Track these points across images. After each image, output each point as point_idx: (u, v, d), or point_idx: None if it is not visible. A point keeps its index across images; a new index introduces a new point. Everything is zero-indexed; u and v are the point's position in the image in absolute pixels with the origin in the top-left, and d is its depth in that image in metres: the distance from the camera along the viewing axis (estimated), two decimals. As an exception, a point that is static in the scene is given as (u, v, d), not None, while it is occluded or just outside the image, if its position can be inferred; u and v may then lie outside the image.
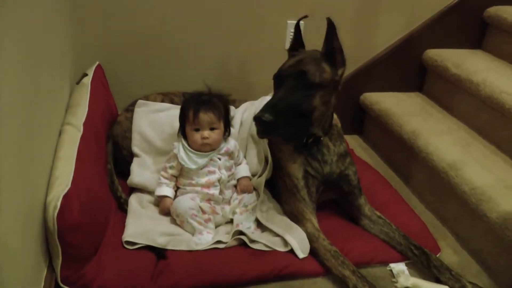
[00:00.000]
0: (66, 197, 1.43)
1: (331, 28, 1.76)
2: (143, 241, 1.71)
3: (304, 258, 1.74)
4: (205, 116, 1.87)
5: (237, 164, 2.03)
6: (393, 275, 1.78)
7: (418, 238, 1.88)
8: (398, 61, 2.83)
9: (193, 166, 1.88)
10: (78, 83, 2.14)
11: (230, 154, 1.97)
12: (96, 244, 1.62)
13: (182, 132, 1.94)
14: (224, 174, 1.93)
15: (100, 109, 2.06)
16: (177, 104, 2.18)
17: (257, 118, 1.65)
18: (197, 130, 1.89)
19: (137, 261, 1.64)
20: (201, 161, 1.89)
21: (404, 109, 2.62)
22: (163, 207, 1.90)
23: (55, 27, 1.90)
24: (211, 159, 1.91)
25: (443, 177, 2.10)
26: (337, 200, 2.04)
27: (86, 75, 2.18)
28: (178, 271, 1.63)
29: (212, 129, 1.90)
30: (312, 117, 1.77)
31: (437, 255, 1.87)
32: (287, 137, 1.74)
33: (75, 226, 1.45)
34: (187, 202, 1.83)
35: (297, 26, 1.94)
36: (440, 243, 1.96)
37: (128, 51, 2.48)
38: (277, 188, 1.98)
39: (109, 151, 2.08)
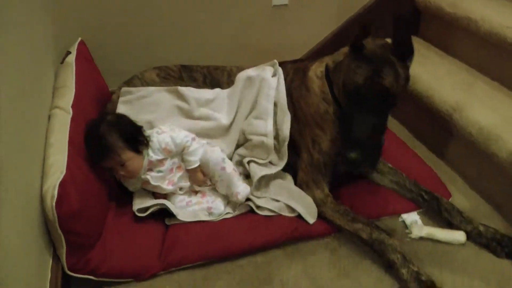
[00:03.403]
0: (62, 184, 1.38)
1: (398, 22, 1.57)
2: (153, 203, 1.69)
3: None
4: (107, 164, 1.66)
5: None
6: (406, 226, 1.75)
7: (428, 185, 1.85)
8: (390, 6, 2.73)
9: (130, 187, 1.77)
10: (62, 62, 2.05)
11: (168, 152, 1.75)
12: (99, 228, 1.58)
13: None
14: (175, 181, 1.76)
15: (89, 88, 1.98)
16: (174, 78, 2.10)
17: (345, 158, 1.57)
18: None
19: (143, 240, 1.61)
20: (137, 184, 1.77)
21: (400, 55, 2.54)
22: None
23: (34, 3, 1.80)
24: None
25: (447, 121, 2.04)
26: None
27: (69, 53, 2.09)
28: (187, 245, 1.60)
29: (122, 164, 1.67)
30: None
31: (449, 200, 1.84)
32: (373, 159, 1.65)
33: (75, 213, 1.40)
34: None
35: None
36: (450, 188, 1.93)
37: (112, 24, 2.36)
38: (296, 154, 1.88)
39: None
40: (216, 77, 2.12)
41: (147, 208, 1.68)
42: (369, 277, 1.57)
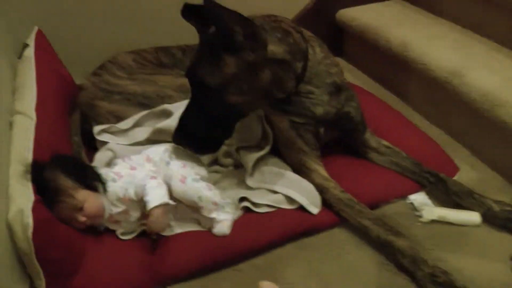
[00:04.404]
0: (35, 210, 1.20)
1: (211, 10, 1.29)
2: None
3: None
4: (62, 213, 1.37)
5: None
6: (415, 208, 1.61)
7: (433, 160, 1.73)
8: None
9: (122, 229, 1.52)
10: (20, 57, 1.84)
11: (129, 201, 1.48)
12: (80, 251, 1.39)
13: None
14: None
15: (52, 84, 1.77)
16: (151, 63, 1.95)
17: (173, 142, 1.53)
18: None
19: (130, 254, 1.43)
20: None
21: (387, 20, 2.37)
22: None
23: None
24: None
25: (447, 88, 1.90)
26: (340, 138, 1.81)
27: (27, 45, 1.88)
28: (179, 254, 1.42)
29: (80, 209, 1.41)
30: (241, 109, 1.49)
31: (456, 175, 1.71)
32: (219, 139, 1.55)
33: (54, 240, 1.25)
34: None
35: None
36: (456, 162, 1.78)
37: (71, 8, 2.15)
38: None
39: (75, 122, 1.81)
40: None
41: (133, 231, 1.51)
42: (382, 272, 1.42)
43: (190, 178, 1.48)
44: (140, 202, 1.45)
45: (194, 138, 1.49)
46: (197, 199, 1.46)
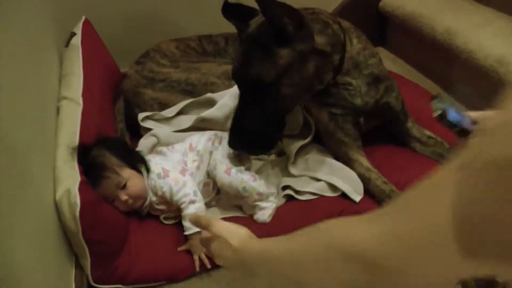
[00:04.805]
0: (81, 190, 1.22)
1: (262, 2, 1.28)
2: None
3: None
4: (106, 190, 1.39)
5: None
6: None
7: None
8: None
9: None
10: (67, 45, 1.88)
11: (162, 199, 1.50)
12: (124, 232, 1.42)
13: None
14: None
15: (99, 72, 1.81)
16: (195, 51, 1.96)
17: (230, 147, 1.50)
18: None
19: (172, 239, 1.45)
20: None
21: (430, 8, 2.32)
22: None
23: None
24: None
25: (492, 76, 1.85)
26: (382, 127, 1.79)
27: (74, 34, 1.92)
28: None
29: (123, 187, 1.43)
30: (291, 102, 1.47)
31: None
32: (274, 136, 1.52)
33: (100, 221, 1.27)
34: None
35: None
36: (501, 152, 1.74)
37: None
38: None
39: (119, 109, 1.85)
40: None
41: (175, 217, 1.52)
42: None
43: (235, 169, 1.48)
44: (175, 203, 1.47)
45: (250, 140, 1.48)
46: (241, 189, 1.46)
